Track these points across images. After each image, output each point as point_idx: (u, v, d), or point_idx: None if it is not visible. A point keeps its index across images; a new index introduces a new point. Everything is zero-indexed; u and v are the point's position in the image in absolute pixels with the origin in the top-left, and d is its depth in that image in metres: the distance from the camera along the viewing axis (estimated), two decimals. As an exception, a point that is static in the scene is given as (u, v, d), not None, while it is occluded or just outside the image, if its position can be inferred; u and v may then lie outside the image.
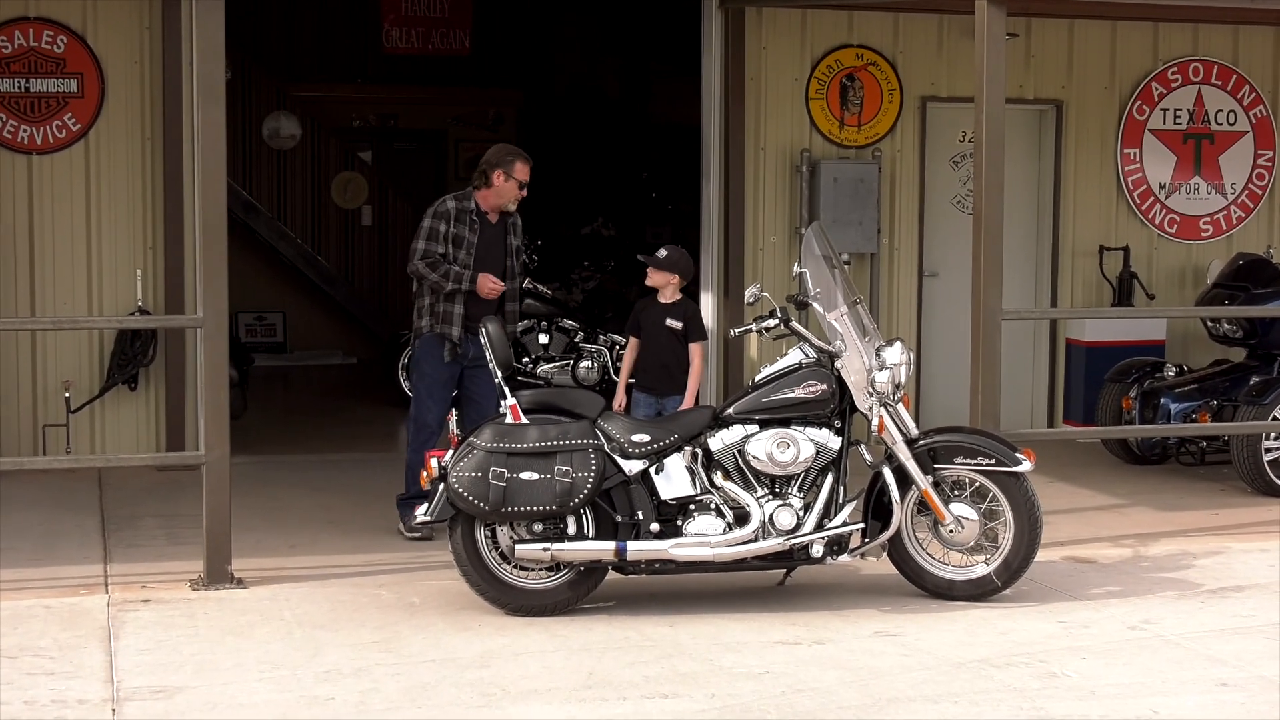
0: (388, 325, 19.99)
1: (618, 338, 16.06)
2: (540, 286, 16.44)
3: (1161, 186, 14.23)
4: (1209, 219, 14.38)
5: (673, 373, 9.88)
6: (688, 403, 9.78)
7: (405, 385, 15.90)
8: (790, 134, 13.39)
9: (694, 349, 9.92)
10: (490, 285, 9.91)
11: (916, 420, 8.81)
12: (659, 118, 23.28)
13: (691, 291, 10.42)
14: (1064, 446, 13.10)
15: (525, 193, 10.08)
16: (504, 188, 10.03)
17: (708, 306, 13.11)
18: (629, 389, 10.17)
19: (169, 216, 12.15)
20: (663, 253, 9.91)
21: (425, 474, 8.28)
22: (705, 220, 13.46)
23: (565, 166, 22.76)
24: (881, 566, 8.84)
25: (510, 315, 10.18)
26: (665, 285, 9.90)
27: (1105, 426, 12.57)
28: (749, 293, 8.55)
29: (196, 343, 12.06)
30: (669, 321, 9.91)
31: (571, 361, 15.95)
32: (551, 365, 15.88)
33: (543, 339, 16.04)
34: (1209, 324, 12.86)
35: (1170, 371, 12.53)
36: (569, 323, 16.23)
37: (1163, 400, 12.19)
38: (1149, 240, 14.24)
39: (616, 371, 15.91)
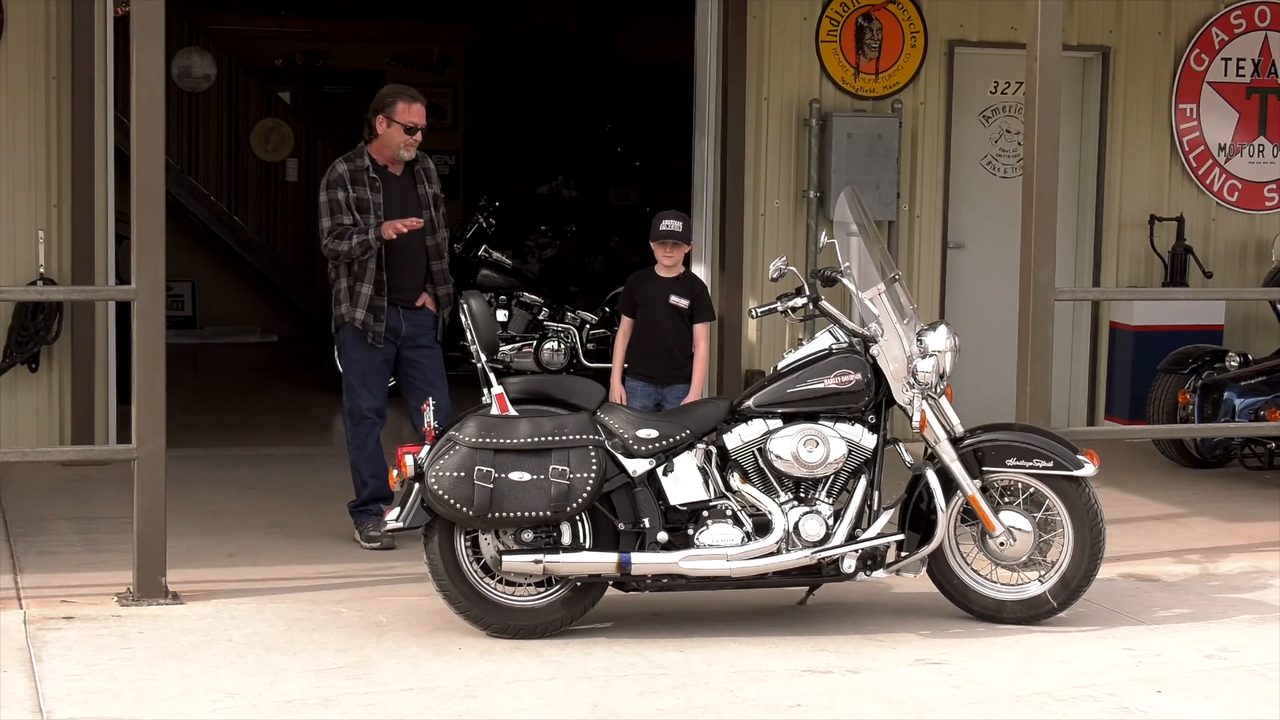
0: (316, 298, 19.96)
1: (587, 315, 16.10)
2: (496, 254, 16.45)
3: (1221, 148, 14.33)
4: (1275, 185, 14.49)
5: (677, 359, 9.90)
6: (694, 392, 9.81)
7: (341, 367, 15.87)
8: (798, 82, 13.43)
9: (699, 331, 9.95)
10: (399, 227, 9.73)
11: (945, 414, 8.84)
12: (626, 60, 23.30)
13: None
14: (1108, 447, 13.03)
15: (418, 137, 9.98)
16: (389, 134, 9.96)
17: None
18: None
19: (77, 171, 12.12)
20: (676, 224, 9.89)
21: (396, 473, 8.27)
22: (699, 181, 13.49)
23: (521, 116, 22.77)
24: (915, 584, 8.86)
25: (439, 275, 10.16)
26: (677, 260, 9.92)
27: (1159, 424, 12.64)
28: (774, 267, 8.54)
29: (108, 318, 12.20)
30: (673, 299, 9.92)
31: (535, 342, 15.97)
32: (511, 346, 15.89)
33: (501, 315, 16.03)
34: (1279, 307, 12.95)
35: (1233, 361, 12.59)
36: (531, 297, 16.24)
37: (1226, 394, 12.27)
38: (1206, 209, 14.35)
39: (586, 355, 15.96)
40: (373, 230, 9.79)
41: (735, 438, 8.40)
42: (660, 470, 8.33)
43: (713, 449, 8.43)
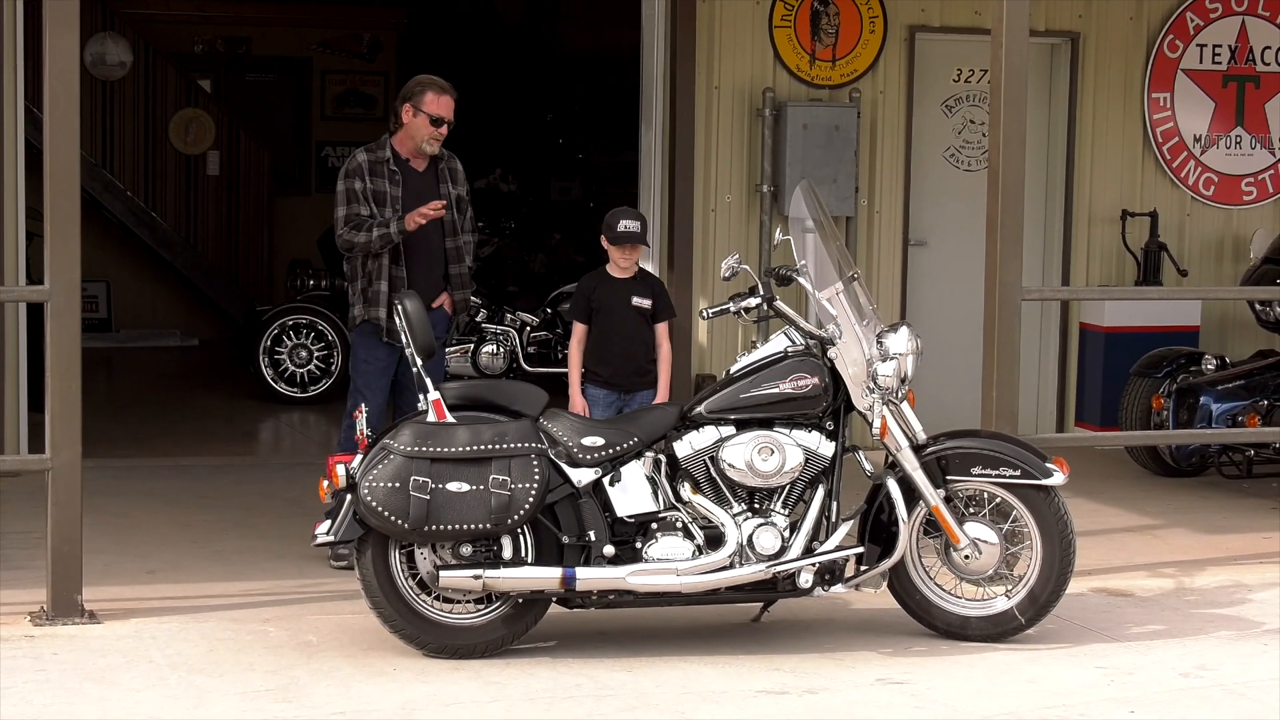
0: (239, 300, 19.96)
1: (527, 317, 16.15)
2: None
3: (1197, 139, 14.44)
4: (1253, 179, 14.60)
5: (641, 364, 9.94)
6: (661, 394, 9.84)
7: (268, 374, 15.95)
8: (750, 70, 13.48)
9: (662, 330, 10.01)
10: (421, 215, 9.82)
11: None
12: (568, 47, 23.33)
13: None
14: (1079, 454, 13.12)
15: (444, 130, 10.13)
16: (414, 125, 10.12)
17: (647, 280, 13.18)
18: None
19: (-16, 164, 12.11)
20: (635, 225, 9.91)
21: (327, 483, 8.28)
22: (645, 175, 13.52)
23: (456, 106, 22.74)
24: (876, 600, 8.94)
25: (457, 279, 10.26)
26: (635, 261, 9.98)
27: (1132, 431, 12.72)
28: (726, 265, 8.60)
29: (19, 320, 12.18)
30: (635, 300, 9.97)
31: (472, 346, 16.01)
32: (448, 350, 15.90)
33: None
34: (1258, 307, 13.04)
35: (1210, 364, 12.67)
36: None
37: (1202, 399, 12.36)
38: (1181, 204, 14.45)
39: (527, 359, 16.01)
40: (394, 223, 9.90)
41: (686, 446, 8.45)
42: (607, 480, 8.37)
43: (662, 458, 8.47)
